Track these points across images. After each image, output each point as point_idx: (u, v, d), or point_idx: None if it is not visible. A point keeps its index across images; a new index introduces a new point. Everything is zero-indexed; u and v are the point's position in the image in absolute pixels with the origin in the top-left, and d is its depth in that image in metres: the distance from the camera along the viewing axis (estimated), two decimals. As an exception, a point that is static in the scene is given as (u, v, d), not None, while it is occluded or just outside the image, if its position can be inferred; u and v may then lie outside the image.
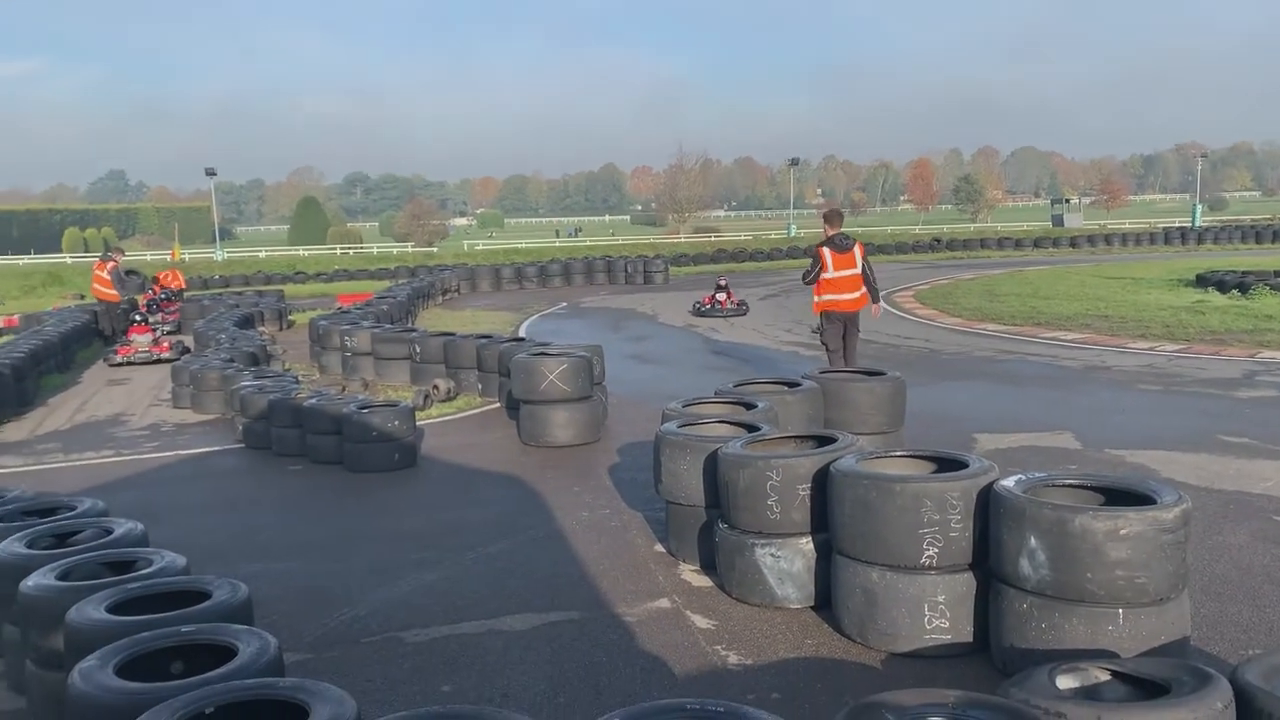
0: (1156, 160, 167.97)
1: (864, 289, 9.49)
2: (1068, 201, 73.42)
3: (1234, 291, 18.87)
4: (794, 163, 69.77)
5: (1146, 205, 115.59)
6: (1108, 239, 44.50)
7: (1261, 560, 5.10)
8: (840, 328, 9.58)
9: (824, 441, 4.99)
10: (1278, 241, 40.63)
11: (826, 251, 9.46)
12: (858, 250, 9.53)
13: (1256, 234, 43.36)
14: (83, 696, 2.70)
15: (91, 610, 3.23)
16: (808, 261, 10.00)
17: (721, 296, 19.40)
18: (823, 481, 4.45)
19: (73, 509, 4.56)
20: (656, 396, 10.08)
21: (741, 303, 19.71)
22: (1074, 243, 43.55)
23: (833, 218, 9.82)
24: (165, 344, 15.85)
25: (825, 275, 9.43)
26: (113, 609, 3.27)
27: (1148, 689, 2.77)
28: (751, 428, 5.46)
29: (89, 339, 18.09)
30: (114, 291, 18.16)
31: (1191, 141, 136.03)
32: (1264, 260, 26.90)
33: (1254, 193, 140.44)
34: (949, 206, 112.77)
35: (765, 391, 6.54)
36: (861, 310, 9.59)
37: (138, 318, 16.54)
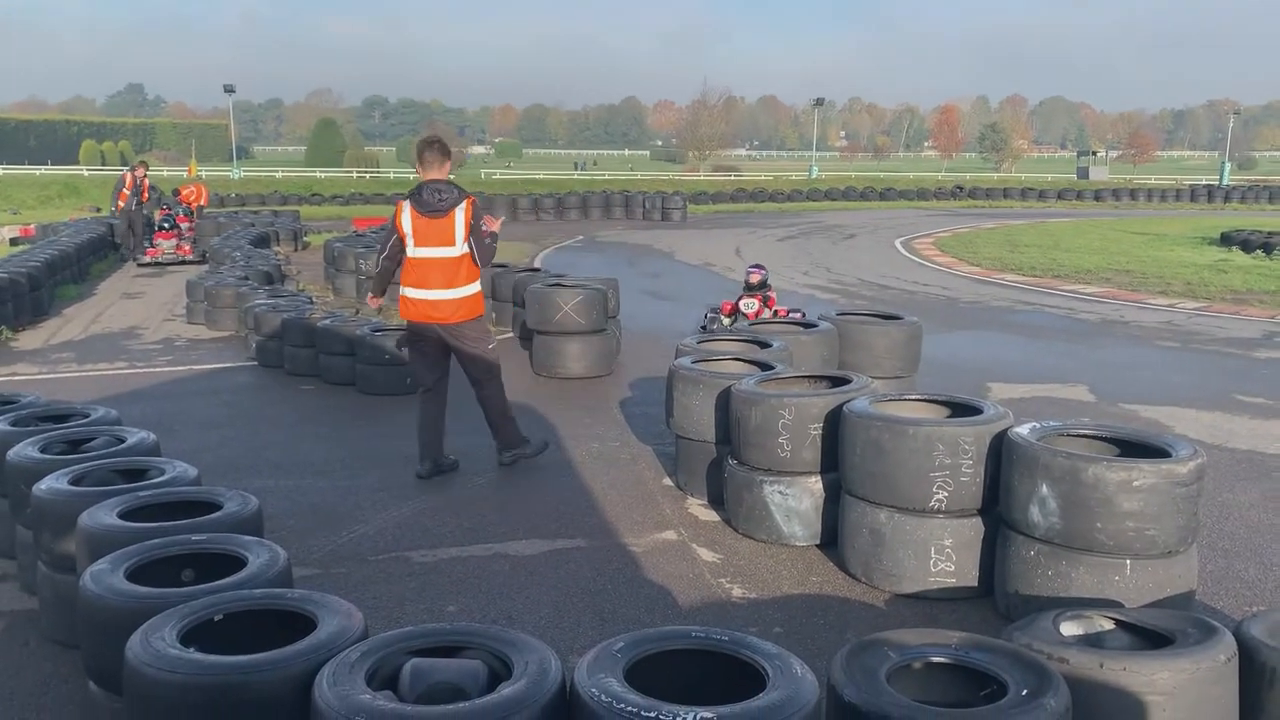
0: (1187, 116, 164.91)
1: (473, 288, 5.62)
2: (1094, 154, 72.30)
3: (1258, 251, 18.64)
4: (818, 103, 68.64)
5: (1174, 162, 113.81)
6: (1133, 194, 43.98)
7: (1271, 520, 5.09)
8: (433, 346, 5.70)
9: (838, 382, 4.97)
10: (1306, 203, 40.03)
11: (406, 211, 5.51)
12: (461, 215, 5.42)
13: (1285, 194, 42.71)
14: (93, 599, 2.73)
15: (104, 515, 3.26)
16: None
17: (751, 305, 9.82)
18: (835, 422, 4.43)
19: (86, 416, 4.58)
20: (670, 333, 10.05)
21: (793, 314, 8.87)
22: (1098, 196, 43.04)
23: (426, 152, 5.53)
24: (187, 248, 17.47)
25: (408, 253, 5.55)
26: (124, 515, 3.30)
27: (1151, 639, 2.77)
28: (765, 366, 5.44)
29: (104, 251, 18.14)
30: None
31: (1225, 98, 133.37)
32: (1291, 221, 26.52)
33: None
34: (973, 154, 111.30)
35: (780, 331, 6.50)
36: (471, 325, 5.65)
37: (165, 224, 17.65)
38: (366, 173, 60.46)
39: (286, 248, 19.29)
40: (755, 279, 10.43)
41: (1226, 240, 20.64)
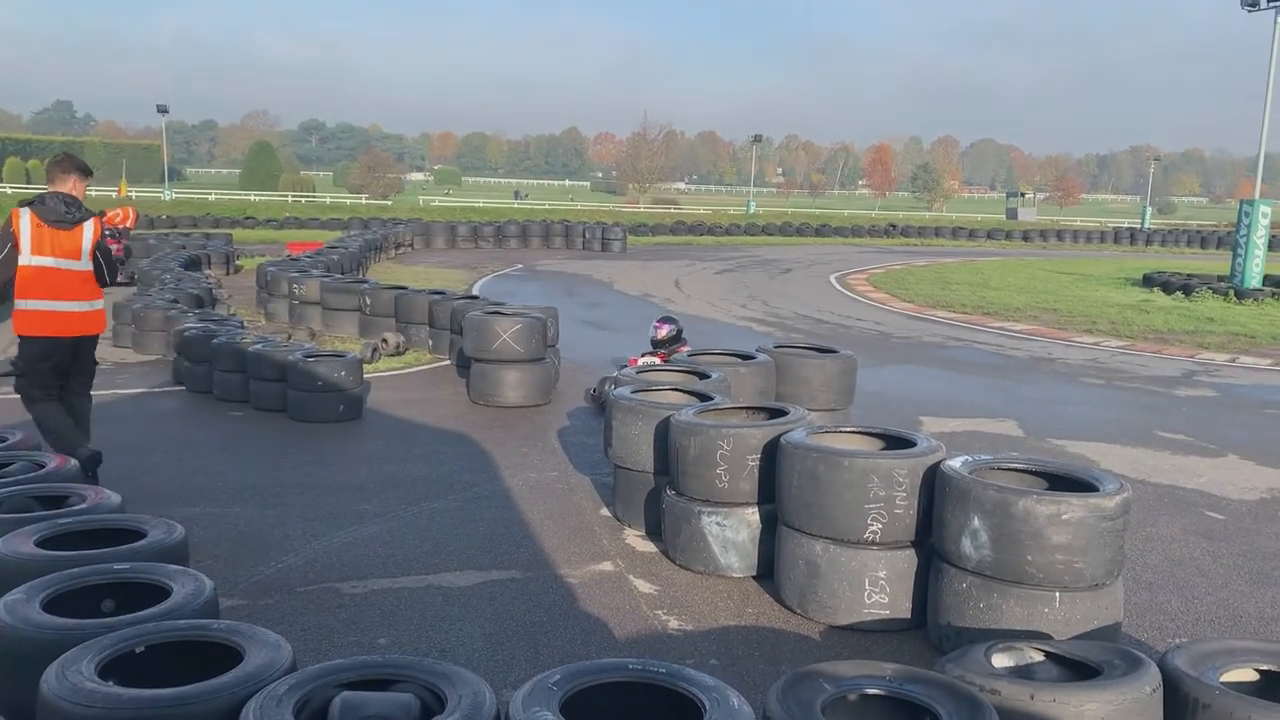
0: (1110, 161, 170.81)
1: (102, 302, 5.91)
2: (1022, 195, 74.49)
3: (1178, 293, 19.33)
4: (756, 139, 69.86)
5: (1098, 204, 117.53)
6: (1059, 235, 45.29)
7: (1192, 553, 5.23)
8: (59, 361, 5.77)
9: (775, 414, 5.00)
10: (1221, 247, 41.47)
11: (25, 220, 5.44)
12: (90, 230, 5.61)
13: (1202, 239, 44.51)
14: (7, 629, 2.61)
15: (20, 543, 3.14)
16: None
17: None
18: (772, 453, 4.46)
19: (3, 441, 4.42)
20: (608, 363, 10.06)
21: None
22: (1026, 236, 44.22)
23: (55, 171, 5.65)
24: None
25: (23, 261, 5.48)
26: (43, 543, 3.18)
27: (1080, 671, 2.82)
28: (704, 397, 5.46)
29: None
30: None
31: (1146, 144, 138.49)
32: (1207, 265, 27.58)
33: (1201, 199, 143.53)
34: (906, 193, 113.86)
35: (719, 362, 6.54)
36: (97, 338, 6.02)
37: None
38: (302, 197, 59.80)
39: (218, 271, 18.94)
40: (662, 334, 8.66)
41: (1148, 281, 21.35)
